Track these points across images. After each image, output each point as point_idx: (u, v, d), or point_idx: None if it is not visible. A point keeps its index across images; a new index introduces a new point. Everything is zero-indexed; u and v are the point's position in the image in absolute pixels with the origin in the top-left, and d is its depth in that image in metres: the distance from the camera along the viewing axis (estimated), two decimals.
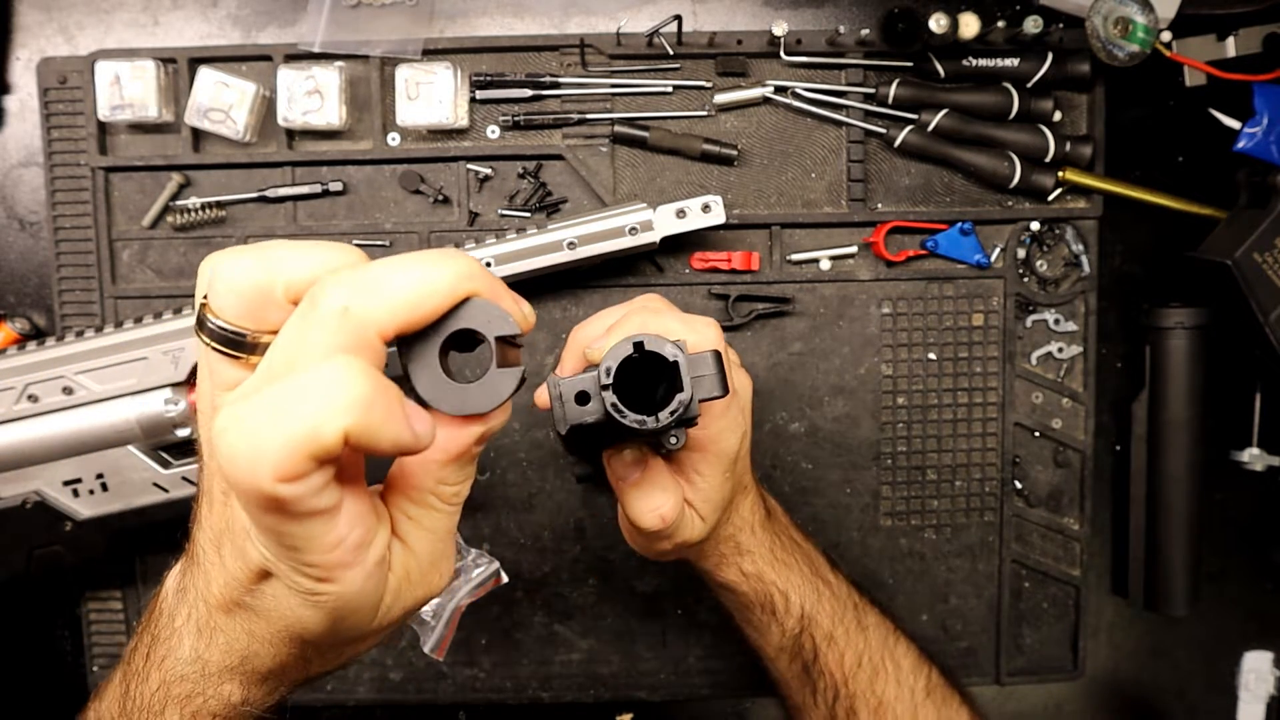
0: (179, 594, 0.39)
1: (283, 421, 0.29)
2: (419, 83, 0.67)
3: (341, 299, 0.32)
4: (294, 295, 0.34)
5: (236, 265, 0.34)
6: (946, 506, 0.74)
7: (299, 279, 0.34)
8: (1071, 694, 0.78)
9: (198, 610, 0.38)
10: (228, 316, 0.34)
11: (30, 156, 0.72)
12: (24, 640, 0.75)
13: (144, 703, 0.38)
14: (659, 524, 0.49)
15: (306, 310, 0.32)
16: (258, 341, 0.34)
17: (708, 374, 0.42)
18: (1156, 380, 0.72)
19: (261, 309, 0.34)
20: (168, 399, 0.65)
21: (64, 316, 0.71)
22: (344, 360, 0.30)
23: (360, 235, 0.70)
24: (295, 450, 0.29)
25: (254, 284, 0.34)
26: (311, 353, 0.31)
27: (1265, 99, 0.67)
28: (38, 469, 0.66)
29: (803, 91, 0.70)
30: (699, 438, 0.49)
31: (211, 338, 0.35)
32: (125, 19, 0.71)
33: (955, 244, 0.71)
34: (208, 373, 0.36)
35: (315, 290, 0.32)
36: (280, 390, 0.30)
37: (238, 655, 0.38)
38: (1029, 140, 0.69)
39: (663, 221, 0.66)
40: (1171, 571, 0.72)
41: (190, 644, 0.38)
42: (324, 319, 0.31)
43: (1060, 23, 0.69)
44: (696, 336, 0.46)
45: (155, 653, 0.39)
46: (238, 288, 0.34)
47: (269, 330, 0.34)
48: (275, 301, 0.34)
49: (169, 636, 0.39)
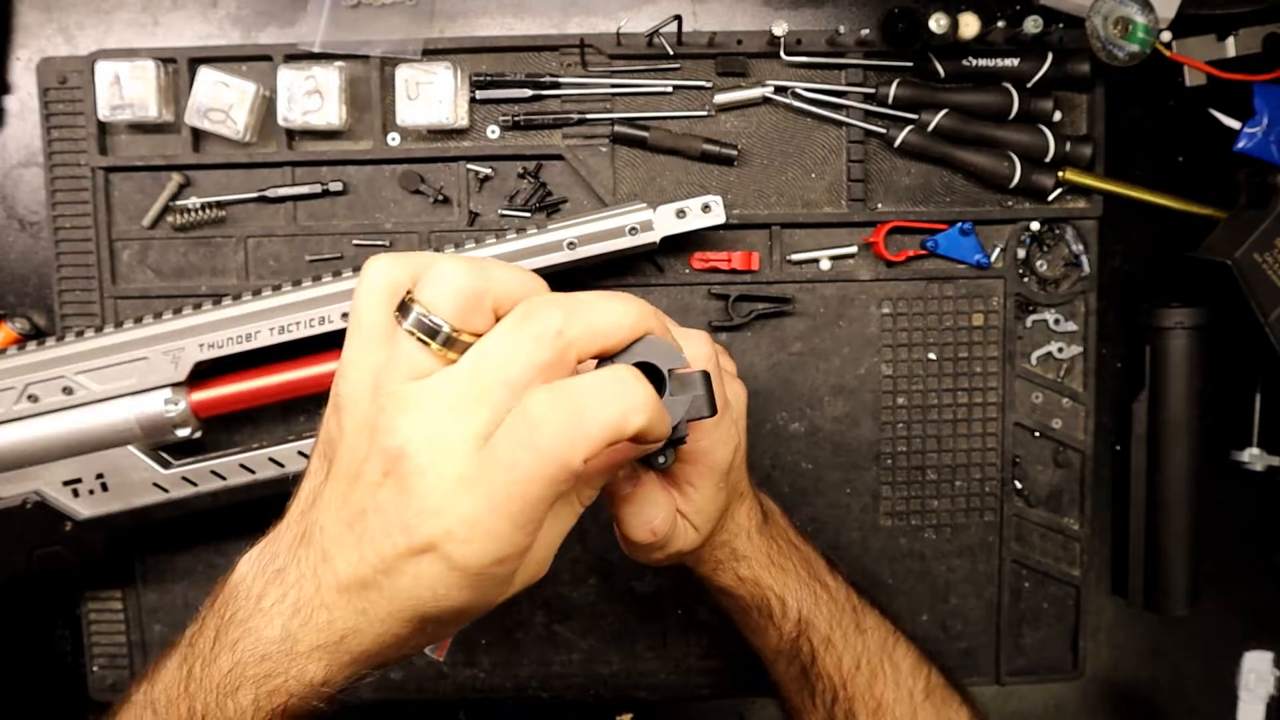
0: (273, 575, 0.41)
1: (600, 413, 0.36)
2: (419, 83, 0.67)
3: (558, 323, 0.37)
4: (498, 308, 0.39)
5: (458, 270, 0.39)
6: (946, 506, 0.74)
7: (507, 295, 0.39)
8: (1071, 694, 0.78)
9: (302, 589, 0.40)
10: (440, 311, 0.39)
11: (30, 156, 0.72)
12: (24, 640, 0.75)
13: (213, 683, 0.40)
14: (650, 537, 0.49)
15: (523, 325, 0.38)
16: (455, 338, 0.39)
17: (697, 394, 0.42)
18: (1156, 380, 0.72)
19: (471, 312, 0.39)
20: (168, 399, 0.65)
21: (64, 316, 0.71)
22: (631, 371, 0.37)
23: (360, 235, 0.70)
24: (607, 437, 0.36)
25: (472, 290, 0.39)
26: (527, 364, 0.37)
27: (1265, 99, 0.67)
28: (38, 469, 0.66)
29: (803, 91, 0.70)
30: (691, 451, 0.50)
31: (416, 326, 0.39)
32: (125, 19, 0.71)
33: (955, 244, 0.71)
34: (387, 357, 0.39)
35: (531, 309, 0.38)
36: (585, 389, 0.36)
37: (338, 633, 0.39)
38: (1029, 140, 0.69)
39: (663, 221, 0.66)
40: (1171, 571, 0.72)
41: (282, 623, 0.40)
42: (542, 336, 0.37)
43: (1060, 23, 0.69)
44: (687, 351, 0.46)
45: (228, 635, 0.40)
46: (457, 289, 0.39)
47: (469, 331, 0.39)
48: (482, 309, 0.39)
49: (250, 617, 0.40)
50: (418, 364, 0.39)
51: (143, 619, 0.73)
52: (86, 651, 0.73)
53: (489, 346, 0.38)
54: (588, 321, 0.38)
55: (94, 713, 0.75)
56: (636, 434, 0.37)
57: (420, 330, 0.39)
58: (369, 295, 0.41)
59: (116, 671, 0.73)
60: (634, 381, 0.37)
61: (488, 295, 0.39)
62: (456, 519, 0.36)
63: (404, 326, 0.39)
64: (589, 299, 0.39)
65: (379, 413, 0.38)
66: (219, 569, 0.72)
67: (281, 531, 0.42)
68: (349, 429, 0.40)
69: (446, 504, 0.36)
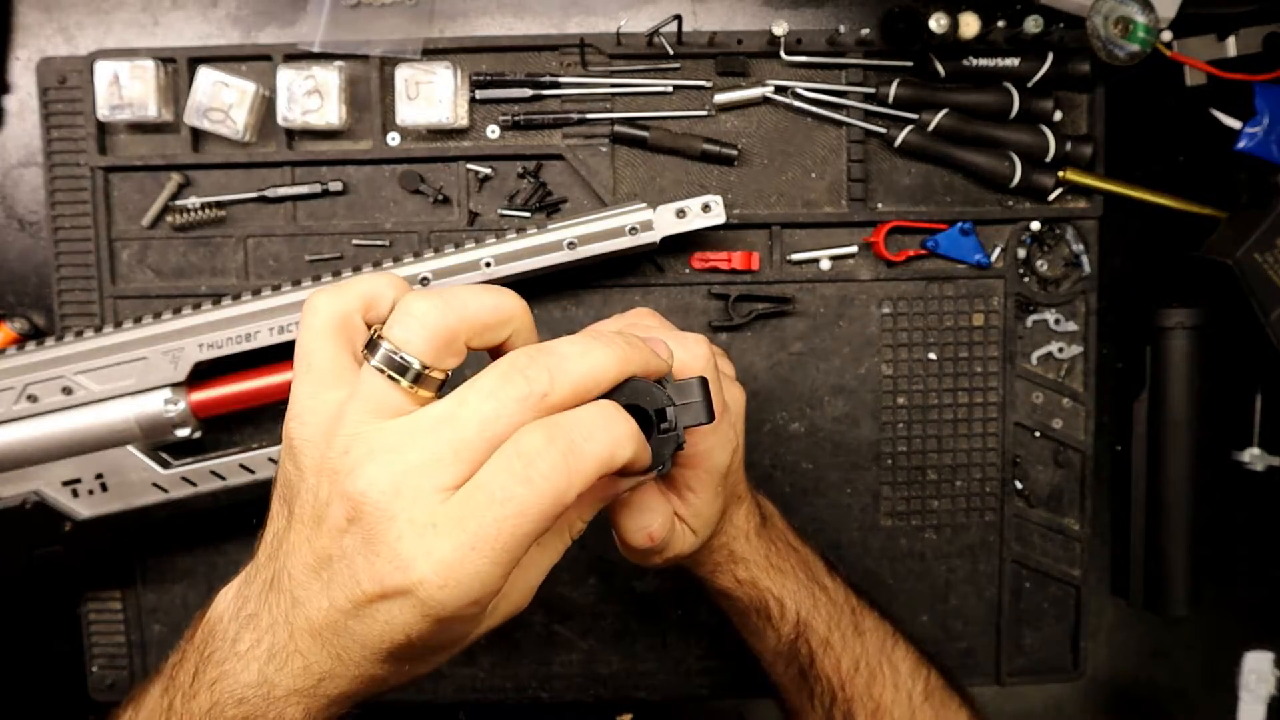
0: (245, 620, 0.40)
1: (590, 447, 0.36)
2: (419, 83, 0.67)
3: (543, 384, 0.37)
4: (471, 340, 0.39)
5: (431, 308, 0.38)
6: (947, 506, 0.74)
7: (481, 327, 0.39)
8: (1072, 694, 0.78)
9: (275, 635, 0.39)
10: (412, 350, 0.38)
11: (30, 156, 0.72)
12: (24, 640, 0.75)
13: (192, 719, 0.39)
14: (647, 542, 0.49)
15: (507, 384, 0.36)
16: (425, 375, 0.38)
17: (694, 401, 0.42)
18: (1157, 380, 0.72)
19: (444, 351, 0.38)
20: (167, 399, 0.65)
21: (63, 316, 0.71)
22: (615, 406, 0.38)
23: (360, 235, 0.70)
24: (598, 469, 0.36)
25: (446, 328, 0.38)
26: (510, 424, 0.36)
27: (1266, 99, 0.67)
28: (37, 469, 0.66)
29: (803, 91, 0.70)
30: (689, 455, 0.49)
31: (385, 363, 0.38)
32: (125, 19, 0.71)
33: (955, 244, 0.71)
34: (349, 394, 0.38)
35: (516, 368, 0.37)
36: (577, 424, 0.36)
37: (314, 677, 0.39)
38: (1029, 140, 0.69)
39: (663, 221, 0.66)
40: (1172, 571, 0.72)
41: (258, 668, 0.39)
42: (527, 399, 0.36)
43: (1061, 22, 0.69)
44: (685, 355, 0.46)
45: (206, 674, 0.40)
46: (430, 329, 0.38)
47: (440, 369, 0.38)
48: (456, 346, 0.38)
49: (226, 659, 0.39)
50: (385, 401, 0.38)
51: (142, 619, 0.73)
52: (86, 652, 0.73)
53: (471, 402, 0.36)
54: (573, 380, 0.37)
55: (94, 713, 0.75)
56: (623, 467, 0.37)
57: (390, 367, 0.37)
58: (318, 335, 0.40)
59: (116, 671, 0.73)
60: (619, 416, 0.37)
61: (461, 333, 0.38)
62: (431, 565, 0.35)
63: (372, 363, 0.38)
64: (573, 352, 0.38)
65: (341, 454, 0.37)
66: (219, 569, 0.73)
67: (253, 575, 0.41)
68: (308, 472, 0.38)
69: (419, 550, 0.35)
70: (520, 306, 0.40)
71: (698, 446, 0.49)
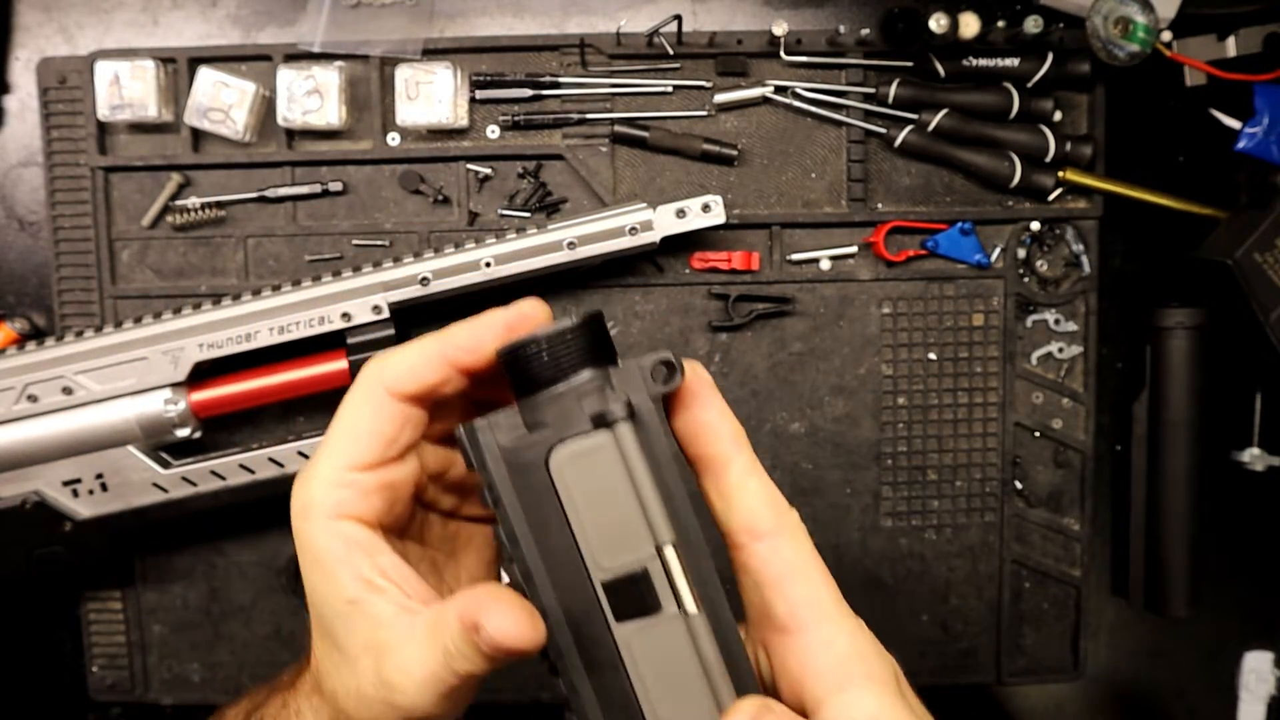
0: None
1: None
2: (419, 83, 0.67)
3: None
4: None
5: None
6: (947, 507, 0.74)
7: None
8: (1072, 694, 0.78)
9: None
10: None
11: (30, 156, 0.72)
12: (23, 640, 0.75)
13: None
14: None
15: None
16: None
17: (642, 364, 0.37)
18: (1157, 380, 0.72)
19: None
20: (167, 399, 0.65)
21: (64, 316, 0.71)
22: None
23: (360, 235, 0.70)
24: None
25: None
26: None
27: (1266, 99, 0.67)
28: (37, 469, 0.66)
29: (803, 91, 0.70)
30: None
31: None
32: (125, 19, 0.71)
33: (955, 244, 0.71)
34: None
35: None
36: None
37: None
38: (1029, 140, 0.69)
39: (663, 221, 0.66)
40: (1171, 572, 0.72)
41: None
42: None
43: (1061, 23, 0.69)
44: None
45: None
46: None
47: None
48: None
49: None
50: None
51: (142, 619, 0.73)
52: (86, 652, 0.73)
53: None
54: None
55: (94, 712, 0.75)
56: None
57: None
58: None
59: (116, 671, 0.73)
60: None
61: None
62: None
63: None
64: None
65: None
66: (219, 569, 0.73)
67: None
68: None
69: None
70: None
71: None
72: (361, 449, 0.38)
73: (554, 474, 0.36)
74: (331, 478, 0.38)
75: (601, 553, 0.36)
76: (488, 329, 0.38)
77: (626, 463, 0.35)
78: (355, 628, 0.38)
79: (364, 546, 0.38)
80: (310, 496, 0.38)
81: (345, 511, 0.38)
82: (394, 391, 0.38)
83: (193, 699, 0.73)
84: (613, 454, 0.35)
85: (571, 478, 0.36)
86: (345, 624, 0.38)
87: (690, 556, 0.36)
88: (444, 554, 0.45)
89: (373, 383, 0.39)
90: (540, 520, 0.36)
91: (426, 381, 0.38)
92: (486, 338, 0.38)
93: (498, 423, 0.36)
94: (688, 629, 0.36)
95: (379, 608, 0.37)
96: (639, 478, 0.35)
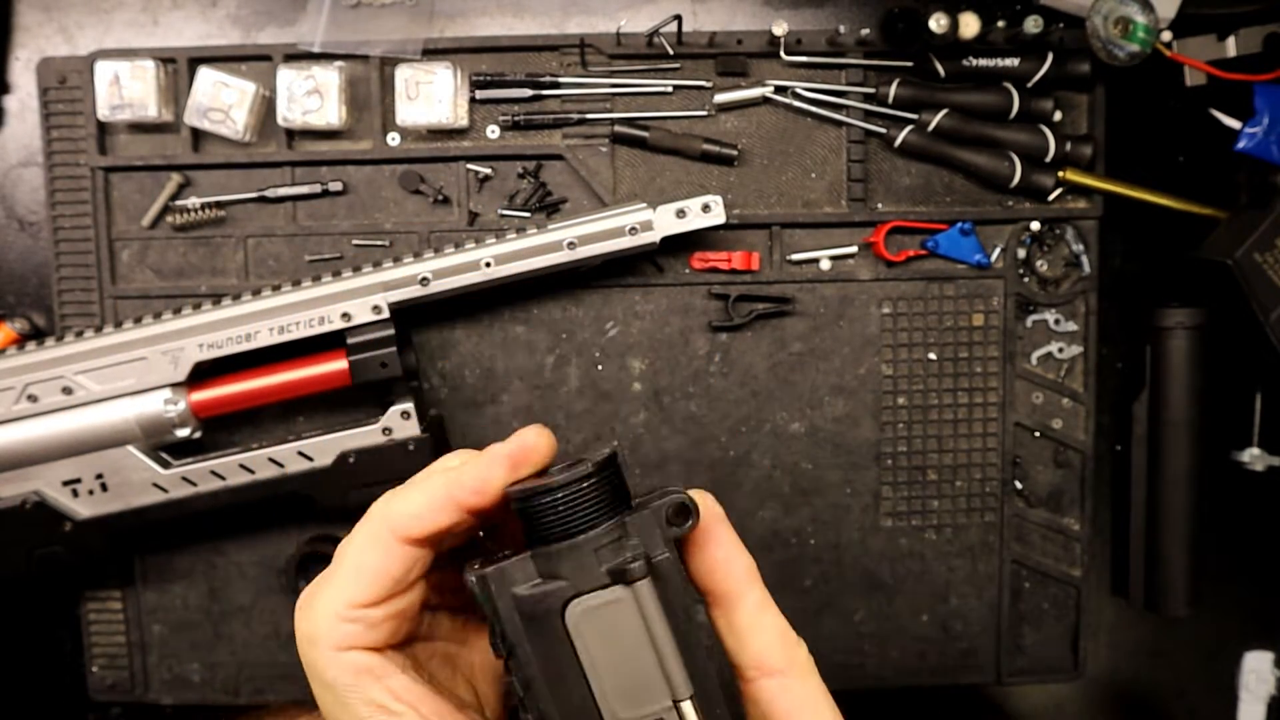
0: None
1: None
2: (419, 83, 0.67)
3: None
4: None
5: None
6: (947, 507, 0.74)
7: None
8: (1072, 694, 0.78)
9: None
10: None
11: (30, 156, 0.72)
12: (23, 640, 0.75)
13: None
14: None
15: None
16: None
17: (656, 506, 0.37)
18: (1157, 380, 0.72)
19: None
20: (167, 399, 0.65)
21: (63, 316, 0.71)
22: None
23: (360, 235, 0.70)
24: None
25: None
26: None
27: (1266, 99, 0.67)
28: (37, 469, 0.66)
29: (803, 91, 0.70)
30: None
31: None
32: (125, 19, 0.71)
33: (955, 244, 0.71)
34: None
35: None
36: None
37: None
38: (1029, 140, 0.69)
39: (663, 221, 0.66)
40: (1171, 571, 0.72)
41: None
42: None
43: (1061, 22, 0.69)
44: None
45: None
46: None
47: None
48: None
49: None
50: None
51: (142, 619, 0.73)
52: (86, 652, 0.73)
53: None
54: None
55: (94, 712, 0.75)
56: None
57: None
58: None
59: (116, 672, 0.73)
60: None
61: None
62: None
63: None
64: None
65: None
66: (219, 569, 0.73)
67: None
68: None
69: None
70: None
71: None
72: (368, 589, 0.38)
73: (570, 627, 0.36)
74: (337, 612, 0.38)
75: (619, 705, 0.36)
76: (491, 466, 0.38)
77: (645, 619, 0.36)
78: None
79: (374, 673, 0.38)
80: (316, 629, 0.38)
81: (353, 643, 0.38)
82: (402, 537, 0.38)
83: (193, 699, 0.73)
84: (631, 609, 0.36)
85: (588, 631, 0.36)
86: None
87: (707, 707, 0.36)
88: (456, 644, 0.45)
89: (380, 527, 0.39)
90: (555, 669, 0.36)
91: (436, 528, 0.39)
92: (493, 476, 0.38)
93: (511, 573, 0.36)
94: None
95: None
96: (657, 634, 0.36)
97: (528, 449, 0.39)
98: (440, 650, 0.44)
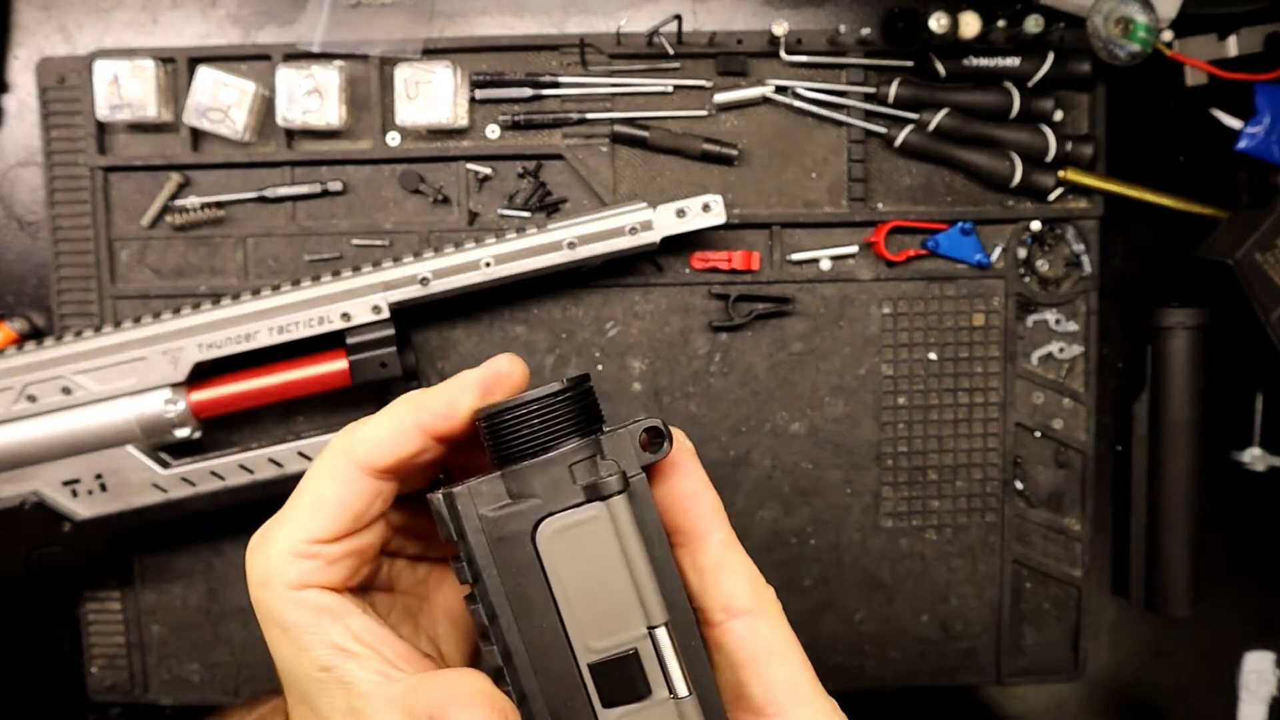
0: None
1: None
2: (419, 82, 0.67)
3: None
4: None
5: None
6: (948, 507, 0.74)
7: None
8: (1072, 694, 0.78)
9: None
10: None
11: (29, 156, 0.72)
12: (23, 640, 0.75)
13: None
14: None
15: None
16: None
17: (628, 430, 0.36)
18: (1157, 380, 0.72)
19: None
20: (167, 399, 0.65)
21: (63, 316, 0.71)
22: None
23: (360, 235, 0.70)
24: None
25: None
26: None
27: (1267, 98, 0.67)
28: (37, 469, 0.66)
29: (803, 91, 0.70)
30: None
31: None
32: (124, 18, 0.71)
33: (956, 244, 0.71)
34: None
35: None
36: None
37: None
38: (1029, 140, 0.69)
39: (663, 221, 0.66)
40: (1172, 571, 0.72)
41: None
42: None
43: (1061, 22, 0.69)
44: None
45: None
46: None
47: None
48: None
49: None
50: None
51: (141, 619, 0.73)
52: (85, 652, 0.73)
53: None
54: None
55: (94, 713, 0.74)
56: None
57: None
58: None
59: (115, 672, 0.73)
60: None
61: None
62: None
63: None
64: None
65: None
66: (218, 569, 0.73)
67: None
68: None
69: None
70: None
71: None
72: (326, 523, 0.37)
73: (541, 549, 0.34)
74: (292, 549, 0.36)
75: (590, 633, 0.34)
76: (461, 391, 0.37)
77: (620, 538, 0.34)
78: (332, 695, 0.36)
79: (333, 612, 0.36)
80: (269, 568, 0.36)
81: (309, 581, 0.36)
82: (365, 467, 0.37)
83: (192, 699, 0.73)
84: (606, 528, 0.34)
85: (560, 552, 0.34)
86: (321, 691, 0.36)
87: (682, 636, 0.35)
88: (416, 598, 0.44)
89: (342, 457, 0.37)
90: (523, 597, 0.34)
91: (400, 455, 0.37)
92: (461, 401, 0.37)
93: (479, 491, 0.34)
94: (678, 714, 0.34)
95: (355, 674, 0.36)
96: (633, 554, 0.34)
97: (500, 375, 0.37)
98: (400, 603, 0.43)
